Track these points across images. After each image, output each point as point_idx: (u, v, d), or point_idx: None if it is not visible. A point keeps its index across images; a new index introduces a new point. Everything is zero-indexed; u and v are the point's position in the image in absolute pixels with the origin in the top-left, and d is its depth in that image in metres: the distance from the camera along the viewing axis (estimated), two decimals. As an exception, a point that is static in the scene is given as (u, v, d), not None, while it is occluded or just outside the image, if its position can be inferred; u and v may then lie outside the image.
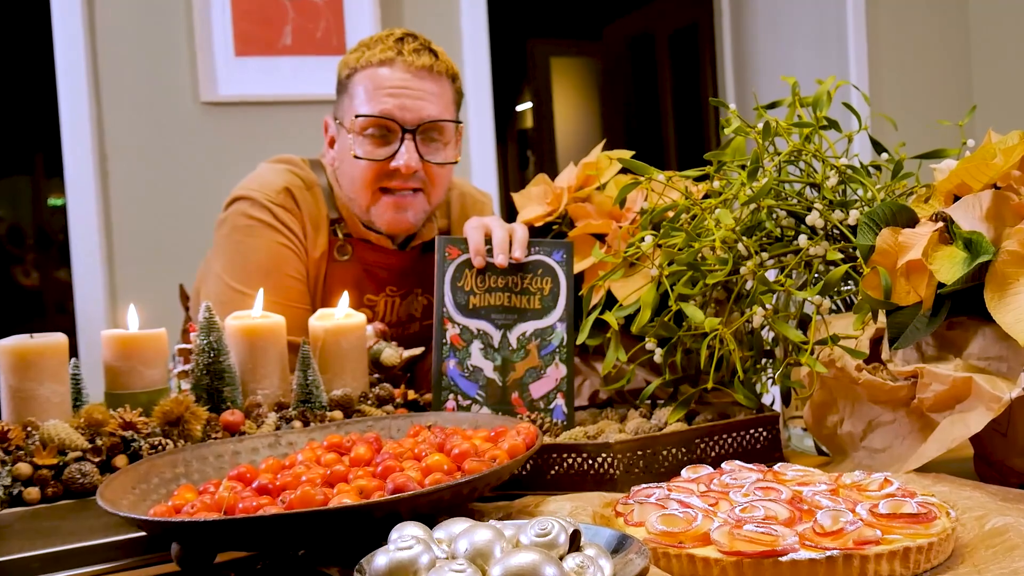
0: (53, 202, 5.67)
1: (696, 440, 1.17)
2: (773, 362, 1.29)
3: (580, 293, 1.35)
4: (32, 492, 0.97)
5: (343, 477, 0.95)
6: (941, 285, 1.00)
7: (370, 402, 1.25)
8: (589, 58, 6.93)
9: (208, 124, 3.07)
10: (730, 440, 1.19)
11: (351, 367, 1.27)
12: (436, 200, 1.70)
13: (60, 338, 1.09)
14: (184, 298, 2.08)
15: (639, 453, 1.13)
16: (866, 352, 1.11)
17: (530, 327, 1.30)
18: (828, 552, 0.76)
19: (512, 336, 1.30)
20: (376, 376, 1.35)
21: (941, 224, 1.03)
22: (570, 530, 0.71)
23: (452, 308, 1.31)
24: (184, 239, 2.94)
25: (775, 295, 1.19)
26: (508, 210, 2.22)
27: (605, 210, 1.43)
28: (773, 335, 1.23)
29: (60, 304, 5.27)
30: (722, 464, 0.99)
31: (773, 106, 1.31)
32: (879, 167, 1.31)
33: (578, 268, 1.37)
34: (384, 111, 1.61)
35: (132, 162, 3.02)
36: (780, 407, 1.36)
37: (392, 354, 1.36)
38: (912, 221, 1.08)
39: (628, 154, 1.41)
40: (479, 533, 0.70)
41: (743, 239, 1.19)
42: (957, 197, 1.08)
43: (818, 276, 1.20)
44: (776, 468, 0.97)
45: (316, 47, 3.11)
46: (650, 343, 1.23)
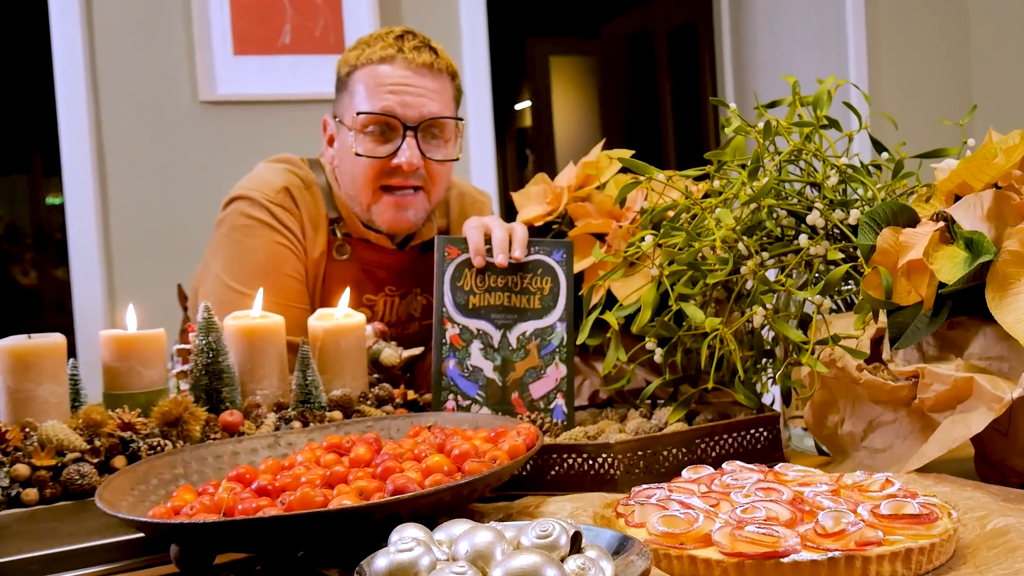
0: (51, 201, 5.67)
1: (696, 440, 1.16)
2: (773, 362, 1.28)
3: (580, 293, 1.34)
4: (30, 493, 0.96)
5: (343, 478, 0.95)
6: (942, 285, 1.00)
7: (369, 402, 1.25)
8: (588, 57, 6.93)
9: (206, 123, 3.06)
10: (730, 440, 1.19)
11: (350, 367, 1.26)
12: (437, 198, 1.69)
13: (58, 338, 1.08)
14: (182, 298, 2.07)
15: (639, 453, 1.12)
16: (867, 352, 1.11)
17: (530, 327, 1.29)
18: (830, 553, 0.76)
19: (512, 336, 1.29)
20: (375, 376, 1.34)
21: (942, 224, 1.02)
22: (571, 532, 0.71)
23: (452, 308, 1.31)
24: (182, 238, 2.94)
25: (775, 295, 1.19)
26: (507, 209, 2.21)
27: (605, 209, 1.43)
28: (773, 335, 1.22)
29: (58, 303, 5.26)
30: (723, 464, 0.99)
31: (773, 105, 1.31)
32: (879, 166, 1.30)
33: (578, 268, 1.36)
34: (385, 108, 1.61)
35: (130, 161, 3.01)
36: (780, 407, 1.36)
37: (391, 354, 1.36)
38: (913, 221, 1.08)
39: (628, 153, 1.41)
40: (480, 535, 0.70)
41: (743, 239, 1.19)
42: (958, 197, 1.08)
43: (819, 276, 1.20)
44: (777, 468, 0.97)
45: (315, 46, 3.11)
46: (650, 343, 1.23)
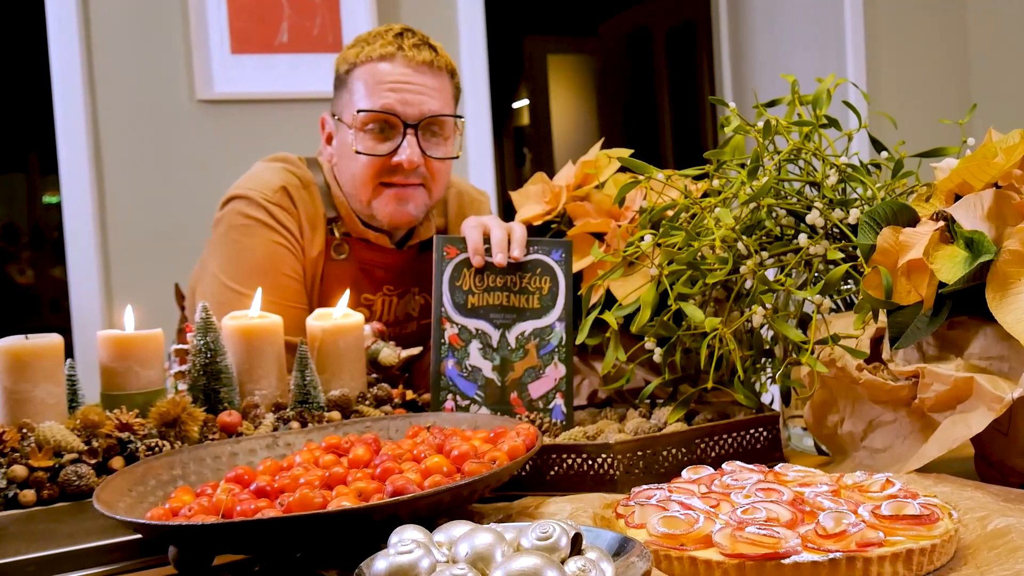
0: (48, 200, 5.65)
1: (696, 440, 1.16)
2: (773, 362, 1.28)
3: (579, 292, 1.34)
4: (28, 494, 0.96)
5: (342, 479, 0.94)
6: (942, 285, 1.00)
7: (368, 402, 1.24)
8: (586, 55, 6.93)
9: (204, 122, 3.05)
10: (730, 440, 1.19)
11: (349, 367, 1.26)
12: (437, 195, 1.69)
13: (55, 339, 1.08)
14: (179, 297, 2.07)
15: (639, 453, 1.12)
16: (867, 352, 1.11)
17: (529, 327, 1.29)
18: (831, 554, 0.76)
19: (511, 336, 1.29)
20: (374, 376, 1.34)
21: (942, 223, 1.02)
22: (571, 533, 0.71)
23: (450, 308, 1.30)
24: (180, 237, 2.93)
25: (775, 294, 1.19)
26: (505, 208, 2.21)
27: (604, 209, 1.42)
28: (773, 334, 1.22)
29: (55, 302, 5.26)
30: (723, 465, 0.99)
31: (772, 104, 1.31)
32: (879, 166, 1.30)
33: (577, 267, 1.36)
34: (385, 106, 1.60)
35: (127, 160, 3.01)
36: (780, 407, 1.36)
37: (390, 354, 1.36)
38: (913, 220, 1.08)
39: (627, 152, 1.41)
40: (480, 537, 0.69)
41: (743, 238, 1.19)
42: (958, 196, 1.07)
43: (818, 275, 1.20)
44: (777, 469, 0.96)
45: (312, 44, 3.10)
46: (649, 343, 1.23)
